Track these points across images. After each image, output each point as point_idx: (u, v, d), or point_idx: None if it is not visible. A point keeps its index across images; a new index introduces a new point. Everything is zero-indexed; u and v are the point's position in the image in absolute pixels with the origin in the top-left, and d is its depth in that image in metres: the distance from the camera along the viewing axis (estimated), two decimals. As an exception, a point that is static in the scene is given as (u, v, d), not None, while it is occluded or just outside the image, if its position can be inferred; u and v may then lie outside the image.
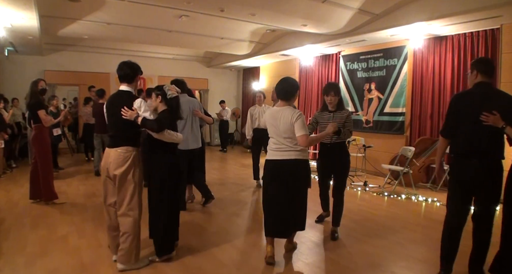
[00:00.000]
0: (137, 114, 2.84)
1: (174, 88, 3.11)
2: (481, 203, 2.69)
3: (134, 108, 2.85)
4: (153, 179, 3.10)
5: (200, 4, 5.60)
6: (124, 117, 2.83)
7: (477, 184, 2.63)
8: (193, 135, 4.57)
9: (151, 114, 2.92)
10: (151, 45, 9.53)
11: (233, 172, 7.50)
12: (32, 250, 3.33)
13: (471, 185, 2.66)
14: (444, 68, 6.26)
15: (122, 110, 2.83)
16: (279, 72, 10.70)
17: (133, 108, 2.85)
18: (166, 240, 3.10)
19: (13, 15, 5.38)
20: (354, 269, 3.08)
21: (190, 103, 4.59)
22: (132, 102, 2.88)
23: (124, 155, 2.88)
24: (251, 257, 3.32)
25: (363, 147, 6.84)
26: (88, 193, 5.54)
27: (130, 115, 2.82)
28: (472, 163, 2.61)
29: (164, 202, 3.05)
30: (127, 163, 2.87)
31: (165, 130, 2.93)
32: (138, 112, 2.85)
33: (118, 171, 2.86)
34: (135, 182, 2.91)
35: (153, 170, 3.09)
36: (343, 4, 5.52)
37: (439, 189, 6.05)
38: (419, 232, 4.05)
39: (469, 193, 2.71)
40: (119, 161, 2.87)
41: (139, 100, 2.90)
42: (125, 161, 2.87)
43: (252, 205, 5.13)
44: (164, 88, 3.06)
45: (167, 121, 2.96)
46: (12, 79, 9.25)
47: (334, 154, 3.78)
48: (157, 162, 3.07)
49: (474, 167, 2.61)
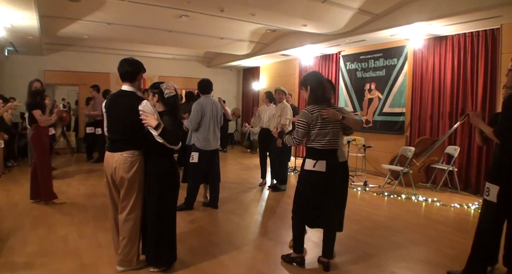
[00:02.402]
0: (158, 122, 2.64)
1: (171, 86, 2.87)
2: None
3: (148, 114, 2.65)
4: (147, 186, 2.88)
5: (200, 4, 5.61)
6: (145, 123, 2.65)
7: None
8: (215, 136, 4.68)
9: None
10: (151, 45, 9.53)
11: (233, 172, 7.50)
12: (32, 250, 3.32)
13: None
14: (444, 68, 6.26)
15: (142, 116, 2.66)
16: (279, 72, 10.71)
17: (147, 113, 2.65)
18: (160, 252, 2.88)
19: (13, 15, 5.38)
20: (354, 269, 3.08)
21: (214, 104, 4.69)
22: (137, 104, 2.71)
23: (131, 159, 2.78)
24: (251, 257, 3.32)
25: (363, 147, 6.85)
26: (88, 193, 5.54)
27: (150, 123, 2.63)
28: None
29: (159, 212, 2.84)
30: (134, 167, 2.79)
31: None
32: (159, 119, 2.66)
33: (126, 176, 2.77)
34: (141, 187, 2.86)
35: (148, 176, 2.87)
36: (343, 4, 5.52)
37: (439, 189, 6.05)
38: (419, 232, 4.04)
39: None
40: (126, 165, 2.77)
41: (144, 103, 2.71)
42: (132, 165, 2.78)
43: (252, 205, 5.13)
44: (161, 86, 2.84)
45: (179, 131, 2.78)
46: (12, 79, 9.24)
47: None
48: (152, 168, 2.86)
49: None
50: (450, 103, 6.17)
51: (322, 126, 2.92)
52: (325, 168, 2.91)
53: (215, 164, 4.80)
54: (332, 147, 2.95)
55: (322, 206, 2.99)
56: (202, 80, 4.78)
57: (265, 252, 3.42)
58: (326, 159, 2.93)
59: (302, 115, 2.98)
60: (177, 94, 2.90)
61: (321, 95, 3.00)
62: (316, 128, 2.93)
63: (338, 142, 3.01)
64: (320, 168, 2.92)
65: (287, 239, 3.69)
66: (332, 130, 2.94)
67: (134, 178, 2.81)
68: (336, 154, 3.00)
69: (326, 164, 2.92)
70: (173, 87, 2.88)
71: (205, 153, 4.61)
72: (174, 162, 2.97)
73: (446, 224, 4.33)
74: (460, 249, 3.49)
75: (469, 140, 5.91)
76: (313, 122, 2.92)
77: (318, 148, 2.94)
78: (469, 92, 5.89)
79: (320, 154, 2.94)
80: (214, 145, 4.68)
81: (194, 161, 4.59)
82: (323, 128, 2.92)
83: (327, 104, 2.99)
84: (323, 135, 2.93)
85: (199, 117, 4.53)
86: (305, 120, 2.94)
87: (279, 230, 4.07)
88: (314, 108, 2.94)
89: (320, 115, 2.90)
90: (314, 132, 2.94)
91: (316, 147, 2.95)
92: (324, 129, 2.92)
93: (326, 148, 2.94)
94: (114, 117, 2.85)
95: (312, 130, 2.94)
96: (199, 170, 4.65)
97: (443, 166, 6.04)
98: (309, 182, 3.00)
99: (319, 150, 2.95)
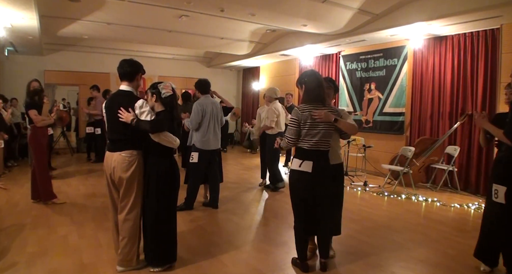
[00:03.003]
0: (134, 117, 2.72)
1: (169, 86, 2.88)
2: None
3: (130, 110, 2.73)
4: (146, 186, 2.89)
5: (200, 4, 5.60)
6: (121, 120, 2.74)
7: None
8: (215, 136, 4.68)
9: (152, 116, 2.78)
10: (151, 45, 9.53)
11: (233, 172, 7.50)
12: (32, 250, 3.33)
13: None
14: (444, 68, 6.26)
15: (119, 112, 2.75)
16: (279, 72, 10.71)
17: (130, 110, 2.74)
18: (160, 252, 2.89)
19: (13, 15, 5.38)
20: (354, 269, 3.08)
21: (214, 104, 4.69)
22: (133, 104, 2.77)
23: (129, 159, 2.80)
24: (251, 257, 3.32)
25: (363, 147, 6.85)
26: (88, 193, 5.54)
27: (127, 117, 2.72)
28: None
29: (159, 212, 2.86)
30: (132, 167, 2.81)
31: (162, 132, 2.76)
32: (135, 114, 2.73)
33: (124, 175, 2.79)
34: (140, 186, 2.87)
35: (147, 176, 2.88)
36: (343, 4, 5.52)
37: (439, 189, 6.05)
38: (419, 232, 4.04)
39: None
40: (123, 165, 2.79)
41: (141, 101, 2.79)
42: (130, 165, 2.80)
43: (252, 205, 5.13)
44: (158, 86, 2.86)
45: (164, 123, 2.76)
46: (12, 79, 9.24)
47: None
48: (152, 168, 2.87)
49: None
50: (450, 103, 6.17)
51: (312, 127, 2.84)
52: (311, 168, 2.84)
53: (215, 164, 4.80)
54: (320, 148, 2.88)
55: (314, 208, 2.93)
56: (201, 80, 4.76)
57: (265, 252, 3.42)
58: (313, 160, 2.86)
59: (293, 113, 2.92)
60: (174, 94, 2.90)
61: (316, 94, 2.90)
62: (305, 127, 2.86)
63: (329, 143, 2.93)
64: (306, 168, 2.86)
65: (287, 239, 3.69)
66: (323, 131, 2.86)
67: (132, 177, 2.82)
68: (327, 156, 2.94)
69: (312, 165, 2.84)
70: (171, 87, 2.89)
71: (205, 153, 4.61)
72: (174, 162, 2.97)
73: (446, 224, 4.33)
74: (460, 249, 3.49)
75: (469, 139, 5.91)
76: (302, 121, 2.85)
77: (306, 148, 2.88)
78: (469, 92, 5.89)
79: (307, 154, 2.88)
80: (214, 145, 4.68)
81: (193, 161, 4.60)
82: (313, 128, 2.84)
83: (321, 104, 2.90)
84: (312, 135, 2.85)
85: (200, 117, 4.53)
86: (296, 118, 2.88)
87: (279, 230, 4.07)
88: (306, 107, 2.87)
89: (310, 115, 2.83)
90: (303, 131, 2.87)
91: (303, 147, 2.89)
92: (314, 130, 2.85)
93: (314, 148, 2.86)
94: (112, 117, 2.86)
95: (302, 130, 2.88)
96: (199, 170, 4.65)
97: (443, 166, 6.04)
98: (296, 181, 2.95)
99: (306, 150, 2.88)
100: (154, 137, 2.78)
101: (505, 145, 2.79)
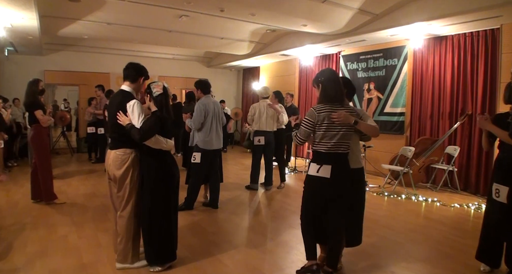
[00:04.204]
0: (130, 122, 2.77)
1: (160, 85, 2.86)
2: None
3: (128, 115, 2.79)
4: (142, 185, 2.92)
5: (200, 4, 5.60)
6: (118, 121, 2.81)
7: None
8: (217, 136, 4.70)
9: (144, 117, 2.80)
10: (151, 45, 9.52)
11: (233, 172, 7.50)
12: (32, 250, 3.33)
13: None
14: (444, 68, 6.26)
15: (117, 115, 2.80)
16: (279, 72, 10.71)
17: (127, 114, 2.80)
18: (160, 252, 2.91)
19: (13, 15, 5.38)
20: (354, 269, 3.08)
21: (215, 104, 4.72)
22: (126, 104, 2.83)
23: (122, 157, 2.86)
24: (251, 256, 3.32)
25: (363, 147, 6.84)
26: (88, 193, 5.54)
27: (123, 121, 2.78)
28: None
29: (152, 210, 2.87)
30: (125, 165, 2.85)
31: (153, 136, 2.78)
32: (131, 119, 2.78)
33: (117, 173, 2.85)
34: (133, 184, 2.90)
35: (142, 175, 2.91)
36: (343, 4, 5.52)
37: (439, 189, 6.05)
38: (419, 232, 4.04)
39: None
40: (117, 163, 2.85)
41: (132, 102, 2.80)
42: (123, 163, 2.85)
43: (252, 205, 5.13)
44: (151, 85, 2.88)
45: (153, 129, 2.74)
46: (12, 79, 9.24)
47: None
48: (145, 166, 2.90)
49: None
50: (450, 103, 6.17)
51: (329, 128, 2.64)
52: (330, 173, 2.64)
53: (215, 164, 4.80)
54: (339, 151, 2.68)
55: (328, 217, 2.73)
56: (202, 81, 4.77)
57: (265, 252, 3.42)
58: (332, 164, 2.65)
59: (309, 113, 2.72)
60: (165, 93, 2.87)
61: (333, 94, 2.69)
62: (321, 129, 2.66)
63: (348, 146, 2.73)
64: (324, 173, 2.64)
65: (287, 239, 3.70)
66: (342, 133, 2.66)
67: (124, 175, 2.86)
68: (346, 159, 2.74)
69: (331, 169, 2.64)
70: (161, 86, 2.87)
71: (208, 153, 4.61)
72: (169, 162, 2.97)
73: (446, 224, 4.33)
74: (460, 249, 3.49)
75: (469, 139, 5.91)
76: (319, 122, 2.66)
77: (323, 151, 2.67)
78: (469, 92, 5.89)
79: (325, 158, 2.66)
80: (216, 145, 4.69)
81: (196, 161, 4.60)
82: (330, 130, 2.65)
83: (340, 105, 2.70)
84: (329, 137, 2.65)
85: (202, 117, 4.55)
86: (311, 119, 2.68)
87: (279, 230, 4.08)
88: (323, 108, 2.67)
89: (328, 117, 2.64)
90: (319, 133, 2.67)
91: (321, 150, 2.69)
92: (331, 131, 2.65)
93: (332, 151, 2.65)
94: (110, 115, 2.94)
95: (317, 131, 2.68)
96: (201, 170, 4.65)
97: (443, 166, 6.04)
98: (312, 188, 2.75)
99: (324, 154, 2.68)
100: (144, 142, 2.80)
101: (507, 145, 2.79)
